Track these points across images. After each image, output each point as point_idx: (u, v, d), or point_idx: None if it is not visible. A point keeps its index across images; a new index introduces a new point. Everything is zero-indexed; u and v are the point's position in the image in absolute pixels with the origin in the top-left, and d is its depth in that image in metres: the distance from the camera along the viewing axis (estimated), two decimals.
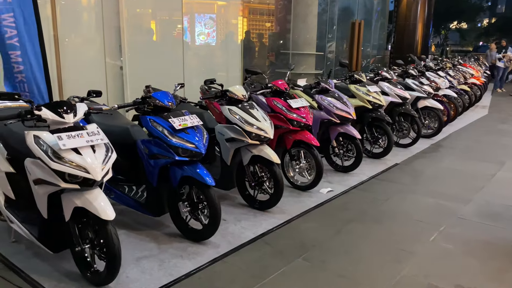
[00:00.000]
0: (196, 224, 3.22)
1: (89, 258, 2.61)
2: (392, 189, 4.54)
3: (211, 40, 7.46)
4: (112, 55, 5.74)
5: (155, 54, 6.06)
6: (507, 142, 6.65)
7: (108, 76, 5.61)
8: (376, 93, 5.57)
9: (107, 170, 2.52)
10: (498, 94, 13.14)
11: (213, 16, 7.59)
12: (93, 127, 2.60)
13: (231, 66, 7.02)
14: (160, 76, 5.95)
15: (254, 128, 3.62)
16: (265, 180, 3.82)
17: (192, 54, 6.40)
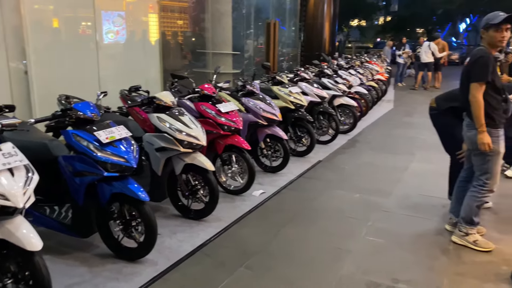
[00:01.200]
0: (130, 242, 3.02)
1: None
2: (320, 187, 4.69)
3: (121, 38, 7.06)
4: (14, 58, 5.15)
5: (65, 55, 5.56)
6: (413, 134, 7.25)
7: (12, 82, 5.03)
8: (298, 94, 5.72)
9: (29, 195, 2.24)
10: (399, 88, 14.31)
11: (122, 14, 7.19)
12: (8, 147, 2.30)
13: (150, 67, 6.71)
14: (71, 81, 5.50)
15: (185, 135, 3.49)
16: (199, 188, 3.71)
17: (105, 56, 5.98)
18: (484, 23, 3.11)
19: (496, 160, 3.13)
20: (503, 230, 3.61)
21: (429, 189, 4.58)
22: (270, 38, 9.20)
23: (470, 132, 3.19)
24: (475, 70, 3.08)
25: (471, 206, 3.26)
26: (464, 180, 3.45)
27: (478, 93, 3.04)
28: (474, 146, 3.17)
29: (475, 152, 3.21)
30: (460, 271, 2.97)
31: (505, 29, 3.04)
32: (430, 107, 4.08)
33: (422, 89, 13.85)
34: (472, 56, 3.15)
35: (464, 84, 3.19)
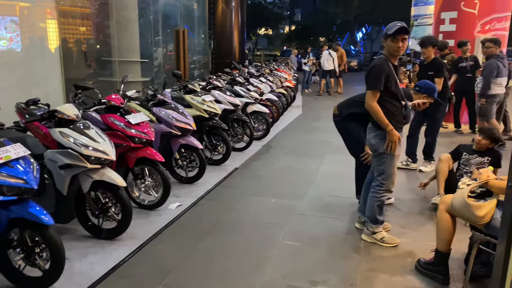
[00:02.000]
0: (34, 270, 2.74)
1: None
2: (237, 195, 4.71)
3: (15, 46, 6.46)
4: None
5: None
6: (322, 138, 7.63)
7: None
8: (211, 102, 5.70)
9: None
10: (306, 94, 15.01)
11: (15, 19, 6.59)
12: None
13: (49, 78, 6.19)
14: None
15: (92, 150, 3.27)
16: (110, 206, 3.50)
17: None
18: (384, 32, 3.35)
19: (391, 161, 3.37)
20: (406, 224, 3.93)
21: (338, 189, 4.83)
22: (180, 45, 9.08)
23: (369, 135, 3.44)
24: (369, 79, 3.30)
25: (373, 206, 3.49)
26: (369, 181, 3.69)
27: (371, 101, 3.26)
28: (372, 149, 3.43)
29: (373, 154, 3.46)
30: (371, 267, 3.16)
31: (400, 39, 3.22)
32: (334, 114, 4.35)
33: (326, 94, 14.67)
34: (370, 65, 3.40)
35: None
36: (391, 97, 3.31)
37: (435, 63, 5.24)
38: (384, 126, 3.25)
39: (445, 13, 8.74)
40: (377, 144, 3.36)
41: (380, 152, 3.36)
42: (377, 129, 3.35)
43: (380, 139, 3.34)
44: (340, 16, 35.96)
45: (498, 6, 8.33)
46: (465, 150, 4.17)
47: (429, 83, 4.47)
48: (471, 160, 4.11)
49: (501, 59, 6.57)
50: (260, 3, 39.21)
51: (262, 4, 39.33)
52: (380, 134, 3.33)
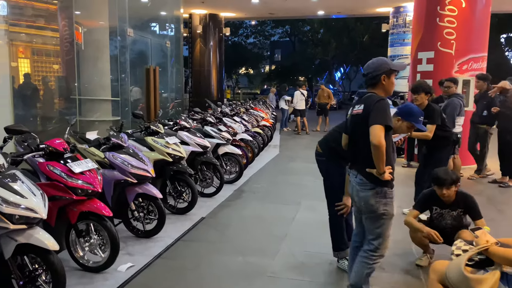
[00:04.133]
0: None
1: None
2: (200, 252, 4.14)
3: None
4: None
5: None
6: (298, 181, 7.17)
7: None
8: (176, 144, 5.21)
9: None
10: (285, 133, 14.69)
11: None
12: None
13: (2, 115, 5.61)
14: None
15: (15, 208, 2.71)
16: (40, 273, 2.90)
17: None
18: (385, 69, 2.91)
19: (389, 224, 2.90)
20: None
21: (315, 243, 4.32)
22: (150, 84, 8.68)
23: (365, 192, 2.87)
24: (379, 112, 2.76)
25: (362, 273, 2.96)
26: (358, 245, 3.17)
27: (381, 137, 2.68)
28: (368, 209, 2.89)
29: (369, 215, 2.93)
30: None
31: None
32: (317, 152, 3.89)
33: (304, 132, 14.41)
34: (368, 102, 2.88)
35: (357, 132, 2.95)
36: (388, 134, 2.85)
37: (428, 109, 4.89)
38: (381, 170, 2.71)
39: (422, 53, 8.63)
40: (376, 204, 2.83)
41: (379, 213, 2.85)
42: (376, 185, 2.82)
43: (380, 198, 2.83)
44: (319, 56, 36.61)
45: (475, 46, 8.27)
46: (434, 204, 3.74)
47: (407, 105, 3.87)
48: (445, 215, 3.69)
49: (461, 98, 6.41)
50: (240, 43, 39.75)
51: (242, 44, 39.87)
52: (381, 191, 2.82)
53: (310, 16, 25.57)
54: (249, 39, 40.45)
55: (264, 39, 41.73)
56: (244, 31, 39.35)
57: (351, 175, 3.08)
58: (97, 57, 8.80)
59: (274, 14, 19.04)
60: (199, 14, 18.00)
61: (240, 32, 39.04)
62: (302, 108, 14.32)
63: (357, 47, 33.46)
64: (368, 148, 2.73)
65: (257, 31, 39.69)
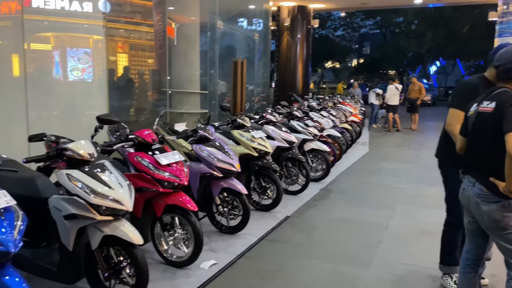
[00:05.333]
0: None
1: None
2: (285, 254, 3.88)
3: (87, 76, 6.35)
4: None
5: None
6: (390, 183, 6.59)
7: None
8: (262, 139, 5.00)
9: None
10: (374, 130, 13.90)
11: (88, 51, 6.51)
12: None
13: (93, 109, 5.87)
14: None
15: (103, 199, 2.67)
16: (124, 266, 2.84)
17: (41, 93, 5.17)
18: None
19: None
20: None
21: (414, 255, 3.83)
22: (238, 77, 8.60)
23: (487, 206, 2.40)
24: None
25: None
26: (472, 263, 2.68)
27: None
28: (494, 225, 2.40)
29: (495, 232, 2.43)
30: None
31: None
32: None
33: (395, 130, 13.50)
34: (502, 99, 2.36)
35: (481, 133, 2.46)
36: None
37: None
38: (511, 186, 2.20)
39: None
40: (504, 219, 2.35)
41: (509, 230, 2.36)
42: (501, 198, 2.33)
43: (508, 212, 2.33)
44: (412, 48, 34.37)
45: None
46: None
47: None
48: None
49: None
50: (327, 37, 38.71)
51: (329, 38, 38.80)
52: (508, 205, 2.33)
53: (405, 6, 23.93)
54: (337, 31, 39.22)
55: (353, 31, 40.20)
56: (332, 23, 38.23)
57: (465, 182, 2.59)
58: (188, 51, 8.94)
59: (367, 4, 18.04)
60: (288, 6, 17.70)
61: (328, 24, 37.97)
62: (395, 103, 13.40)
63: (455, 39, 30.76)
64: (496, 154, 2.24)
65: (345, 23, 38.32)
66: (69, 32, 6.41)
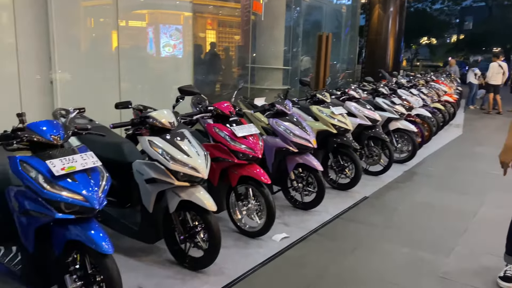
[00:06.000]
0: None
1: None
2: (360, 234, 3.77)
3: (178, 52, 6.67)
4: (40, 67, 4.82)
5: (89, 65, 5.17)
6: (484, 169, 6.03)
7: (36, 92, 4.70)
8: (342, 116, 4.84)
9: None
10: (471, 111, 12.78)
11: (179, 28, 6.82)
12: None
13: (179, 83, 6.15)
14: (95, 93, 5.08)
15: (181, 165, 2.79)
16: (199, 231, 2.97)
17: (133, 66, 5.52)
18: None
19: None
20: None
21: (502, 246, 3.47)
22: (321, 51, 8.37)
23: None
24: None
25: None
26: None
27: None
28: None
29: None
30: None
31: None
32: None
33: (495, 112, 12.26)
34: None
35: None
36: None
37: None
38: None
39: None
40: None
41: None
42: None
43: None
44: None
45: None
46: None
47: None
48: None
49: None
50: (424, 10, 35.92)
51: (426, 11, 35.97)
52: None
53: None
54: (435, 5, 36.19)
55: (454, 4, 36.81)
56: None
57: None
58: (273, 27, 8.88)
59: None
60: None
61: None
62: (497, 83, 12.10)
63: None
64: None
65: None
66: (161, 9, 6.71)
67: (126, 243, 3.24)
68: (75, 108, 2.81)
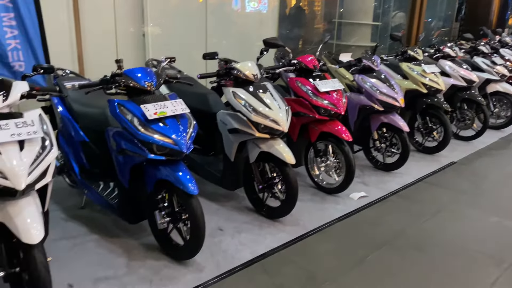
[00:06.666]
0: (179, 237, 2.55)
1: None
2: (444, 199, 3.60)
3: (263, 7, 6.65)
4: (134, 21, 5.11)
5: (178, 19, 5.35)
6: None
7: (130, 44, 5.02)
8: (434, 75, 4.52)
9: (41, 174, 1.88)
10: None
11: None
12: (32, 115, 1.96)
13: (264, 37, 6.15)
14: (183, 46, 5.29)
15: (262, 117, 2.84)
16: (277, 182, 3.05)
17: (219, 21, 5.60)
18: None
19: None
20: None
21: None
22: (416, 7, 7.77)
23: None
24: None
25: None
26: None
27: None
28: None
29: None
30: None
31: None
32: None
33: None
34: None
35: None
36: None
37: None
38: None
39: None
40: None
41: None
42: None
43: None
44: None
45: None
46: None
47: None
48: None
49: None
50: None
51: None
52: None
53: None
54: None
55: None
56: None
57: None
58: None
59: None
60: None
61: None
62: None
63: None
64: None
65: None
66: None
67: (209, 188, 3.43)
68: (166, 57, 2.95)
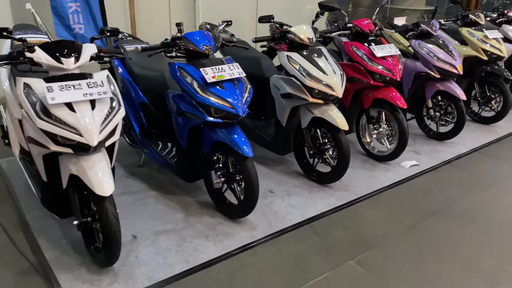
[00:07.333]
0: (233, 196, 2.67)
1: (95, 234, 2.20)
2: (499, 171, 3.49)
3: None
4: None
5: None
6: None
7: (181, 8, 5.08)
8: (496, 41, 4.28)
9: (110, 133, 2.01)
10: None
11: None
12: (100, 76, 2.07)
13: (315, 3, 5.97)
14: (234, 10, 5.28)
15: (316, 82, 2.84)
16: (328, 148, 3.07)
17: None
18: None
19: None
20: None
21: None
22: None
23: None
24: None
25: None
26: None
27: None
28: None
29: None
30: None
31: None
32: None
33: None
34: None
35: None
36: None
37: None
38: None
39: None
40: None
41: None
42: None
43: None
44: None
45: None
46: None
47: None
48: None
49: None
50: None
51: None
52: None
53: None
54: None
55: None
56: None
57: None
58: None
59: None
60: None
61: None
62: None
63: None
64: None
65: None
66: None
67: (260, 152, 3.51)
68: (223, 21, 2.97)
